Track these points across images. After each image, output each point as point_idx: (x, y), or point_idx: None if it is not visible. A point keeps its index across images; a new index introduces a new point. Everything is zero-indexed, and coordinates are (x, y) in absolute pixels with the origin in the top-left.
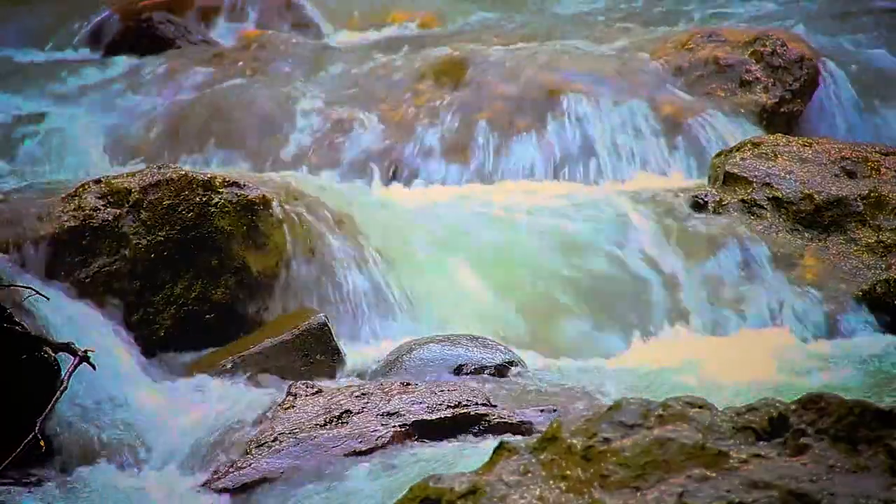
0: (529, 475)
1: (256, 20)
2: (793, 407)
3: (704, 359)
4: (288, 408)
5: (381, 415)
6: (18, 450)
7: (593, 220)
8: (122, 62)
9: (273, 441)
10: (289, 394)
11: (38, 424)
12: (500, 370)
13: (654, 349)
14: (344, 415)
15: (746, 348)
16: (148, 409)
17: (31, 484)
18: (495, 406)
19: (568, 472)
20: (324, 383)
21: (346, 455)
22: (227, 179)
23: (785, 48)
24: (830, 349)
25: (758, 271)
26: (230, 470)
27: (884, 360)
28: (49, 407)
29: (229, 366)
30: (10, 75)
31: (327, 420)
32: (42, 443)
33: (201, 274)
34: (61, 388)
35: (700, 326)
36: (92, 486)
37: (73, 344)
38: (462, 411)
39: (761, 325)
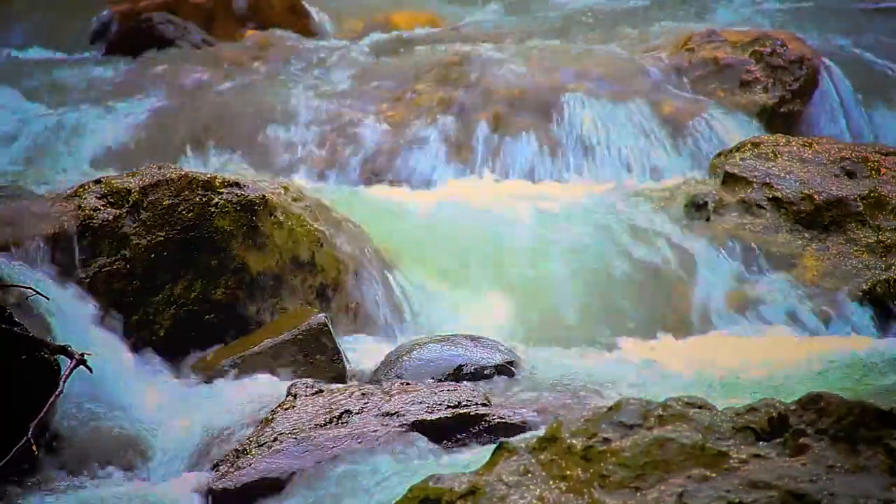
0: (529, 475)
1: (256, 20)
2: (793, 407)
3: (704, 359)
4: (288, 408)
5: (381, 415)
6: (10, 454)
7: (593, 220)
8: (122, 62)
9: (273, 441)
10: (289, 394)
11: (30, 429)
12: (500, 370)
13: (654, 349)
14: (344, 415)
15: (746, 348)
16: (148, 410)
17: (31, 486)
18: (495, 406)
19: (568, 473)
20: (324, 383)
21: (346, 455)
22: (227, 179)
23: (785, 48)
24: (830, 349)
25: (757, 271)
26: (230, 470)
27: (883, 361)
28: (43, 411)
29: (229, 366)
30: (10, 75)
31: (327, 420)
32: (35, 447)
33: (201, 274)
34: (56, 392)
35: (700, 326)
36: (92, 488)
37: (69, 347)
38: (462, 411)
39: (761, 325)
